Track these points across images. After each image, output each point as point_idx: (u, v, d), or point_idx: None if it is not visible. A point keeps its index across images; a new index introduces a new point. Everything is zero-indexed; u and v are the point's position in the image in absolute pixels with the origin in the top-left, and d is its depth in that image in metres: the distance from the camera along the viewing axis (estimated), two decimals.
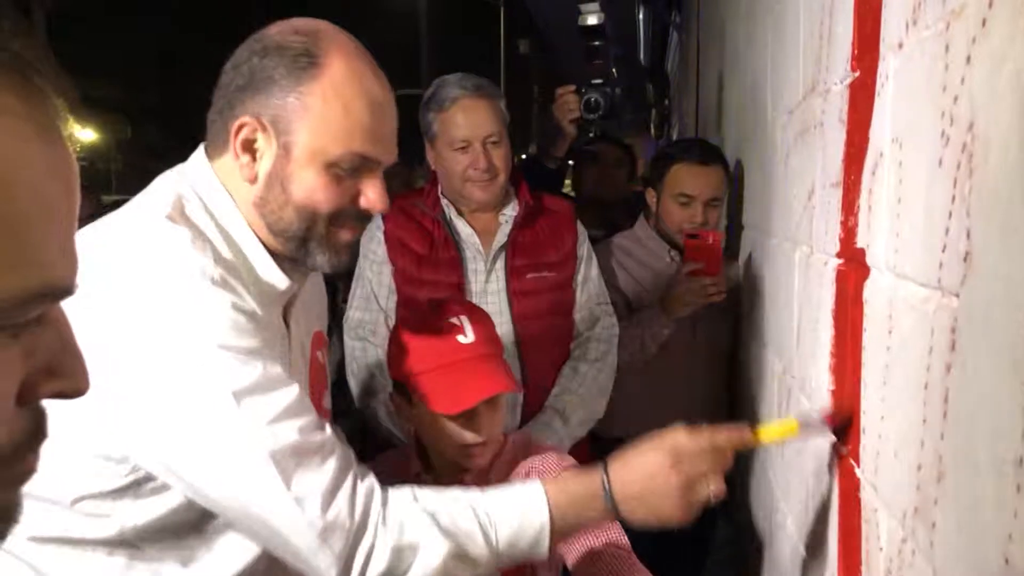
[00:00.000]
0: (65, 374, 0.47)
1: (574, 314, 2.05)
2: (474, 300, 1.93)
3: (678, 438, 1.11)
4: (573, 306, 2.05)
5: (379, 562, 1.02)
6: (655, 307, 2.08)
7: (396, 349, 1.36)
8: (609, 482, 1.10)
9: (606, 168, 3.01)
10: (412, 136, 1.04)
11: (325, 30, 1.10)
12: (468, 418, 1.26)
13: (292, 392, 1.02)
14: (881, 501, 0.95)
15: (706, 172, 2.16)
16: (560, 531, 1.10)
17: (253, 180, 1.08)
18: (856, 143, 1.09)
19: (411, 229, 1.99)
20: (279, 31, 1.09)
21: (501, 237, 1.98)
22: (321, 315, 1.35)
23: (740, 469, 2.22)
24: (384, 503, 1.05)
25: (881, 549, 0.95)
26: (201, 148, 1.14)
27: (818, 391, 1.30)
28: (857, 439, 1.06)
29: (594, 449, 2.07)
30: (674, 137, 6.93)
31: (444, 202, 2.00)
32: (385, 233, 1.99)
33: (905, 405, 0.87)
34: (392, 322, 1.96)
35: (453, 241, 1.97)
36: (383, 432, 1.93)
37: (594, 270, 2.08)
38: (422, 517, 1.05)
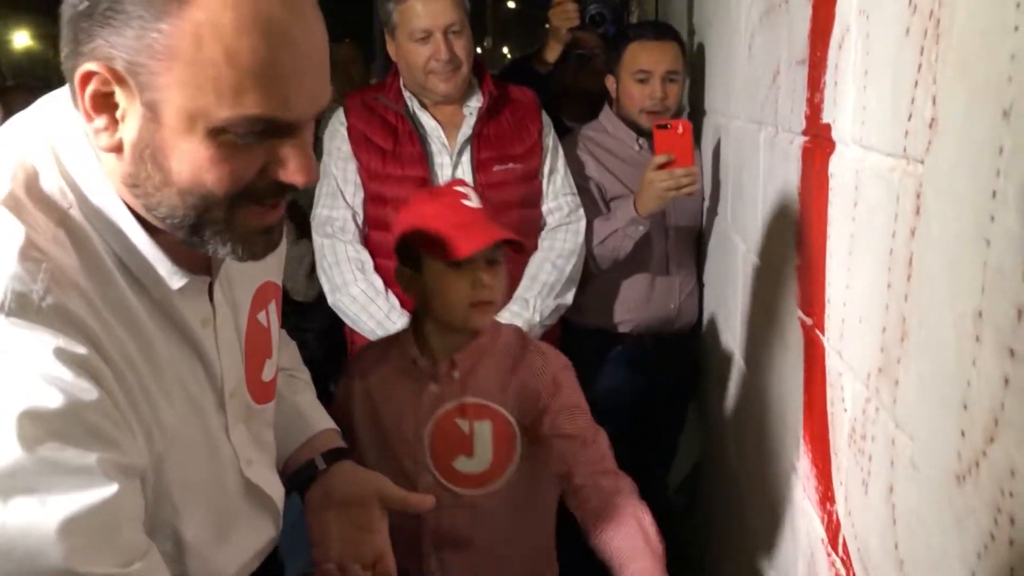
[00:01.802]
0: None
1: (542, 205, 2.06)
2: None
3: None
4: (541, 197, 2.06)
5: None
6: (628, 205, 2.06)
7: (405, 217, 1.44)
8: None
9: (584, 56, 2.94)
10: (369, 32, 0.89)
11: None
12: (474, 279, 1.37)
13: (91, 497, 0.71)
14: (846, 365, 1.00)
15: (661, 47, 2.17)
16: None
17: (116, 150, 0.78)
18: (822, 18, 1.10)
19: (374, 124, 1.97)
20: None
21: (466, 130, 1.97)
22: (270, 260, 0.94)
23: (706, 347, 2.30)
24: None
25: (846, 411, 1.00)
26: (68, 89, 0.80)
27: (783, 268, 1.33)
28: (822, 310, 1.10)
29: (566, 338, 2.13)
30: None
31: (407, 95, 1.98)
32: (348, 128, 1.97)
33: (870, 272, 0.90)
34: (361, 219, 1.96)
35: (418, 135, 1.95)
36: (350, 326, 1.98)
37: (560, 160, 2.08)
38: None
